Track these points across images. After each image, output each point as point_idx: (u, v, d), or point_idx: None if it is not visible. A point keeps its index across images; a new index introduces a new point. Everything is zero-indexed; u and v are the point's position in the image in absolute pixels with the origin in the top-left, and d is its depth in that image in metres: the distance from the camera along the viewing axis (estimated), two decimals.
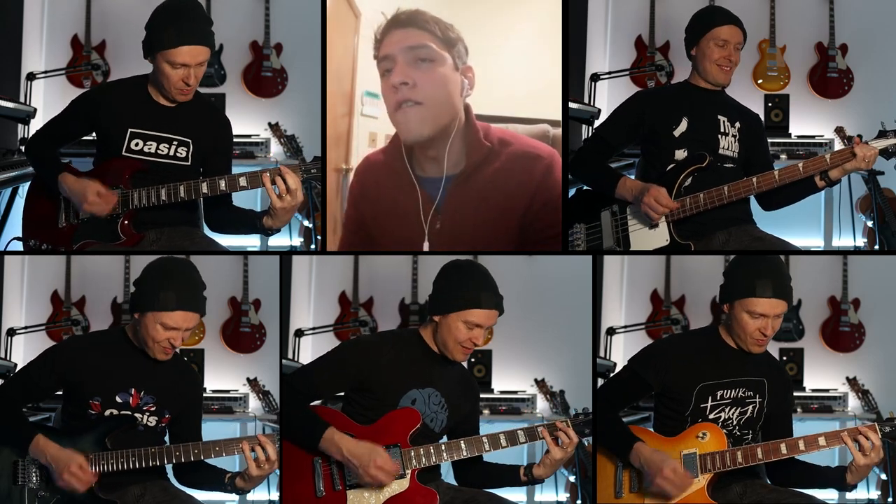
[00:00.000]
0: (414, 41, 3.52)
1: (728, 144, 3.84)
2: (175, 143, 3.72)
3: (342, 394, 3.48)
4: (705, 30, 3.82)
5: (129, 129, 3.69)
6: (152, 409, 3.41)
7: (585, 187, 4.06)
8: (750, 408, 3.48)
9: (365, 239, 3.77)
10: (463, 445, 3.41)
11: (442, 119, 3.55)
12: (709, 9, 3.98)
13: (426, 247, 3.65)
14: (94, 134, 3.81)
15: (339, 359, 3.46)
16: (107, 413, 3.37)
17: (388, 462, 3.32)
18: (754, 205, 3.91)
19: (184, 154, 3.73)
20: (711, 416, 3.46)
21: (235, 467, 3.47)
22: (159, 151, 3.71)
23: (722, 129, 3.83)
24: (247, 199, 4.88)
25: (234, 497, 5.04)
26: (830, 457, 4.66)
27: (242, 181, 3.64)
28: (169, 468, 3.48)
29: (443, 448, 3.40)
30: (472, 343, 3.39)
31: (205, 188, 3.65)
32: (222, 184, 3.64)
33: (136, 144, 3.70)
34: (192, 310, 3.33)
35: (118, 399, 3.38)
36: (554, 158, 3.65)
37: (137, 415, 3.39)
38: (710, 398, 3.46)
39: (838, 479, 3.41)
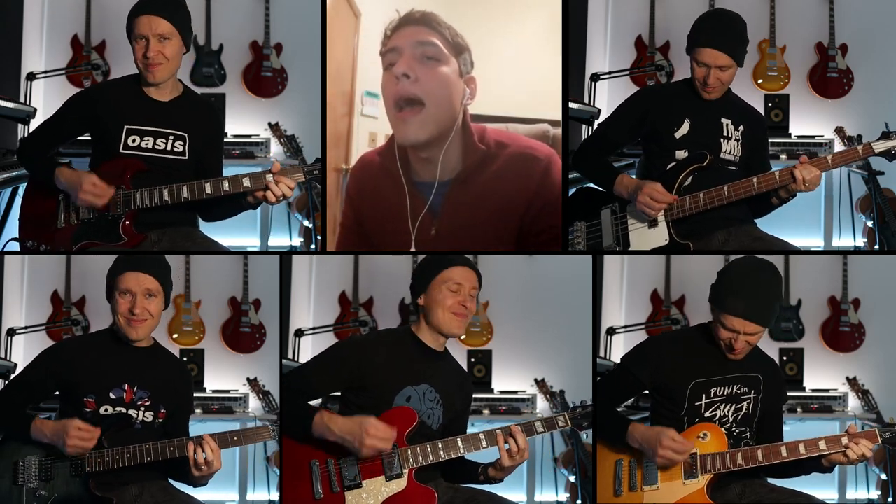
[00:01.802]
0: (423, 37, 3.53)
1: (730, 148, 3.81)
2: (171, 137, 3.72)
3: (339, 394, 3.48)
4: (691, 47, 3.78)
5: (126, 126, 3.69)
6: (147, 403, 3.42)
7: (586, 185, 4.06)
8: (745, 404, 3.49)
9: (362, 238, 3.77)
10: (460, 443, 3.40)
11: (441, 123, 3.55)
12: (701, 22, 3.82)
13: (413, 248, 3.65)
14: (89, 134, 3.79)
15: (335, 357, 3.46)
16: (102, 410, 3.38)
17: (382, 427, 3.30)
18: None
19: (181, 148, 3.73)
20: (707, 415, 3.46)
21: (235, 460, 3.47)
22: (156, 146, 3.71)
23: (724, 133, 3.81)
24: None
25: (235, 497, 5.05)
26: None
27: (246, 181, 3.63)
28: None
29: (440, 446, 3.39)
30: (461, 307, 3.39)
31: (208, 188, 3.65)
32: (226, 184, 3.64)
33: (134, 141, 3.70)
34: (142, 270, 3.39)
35: (112, 395, 3.39)
36: (552, 159, 3.64)
37: (132, 411, 3.40)
38: (703, 396, 3.47)
39: (815, 466, 3.44)
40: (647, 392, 3.58)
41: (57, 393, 3.45)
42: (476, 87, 3.61)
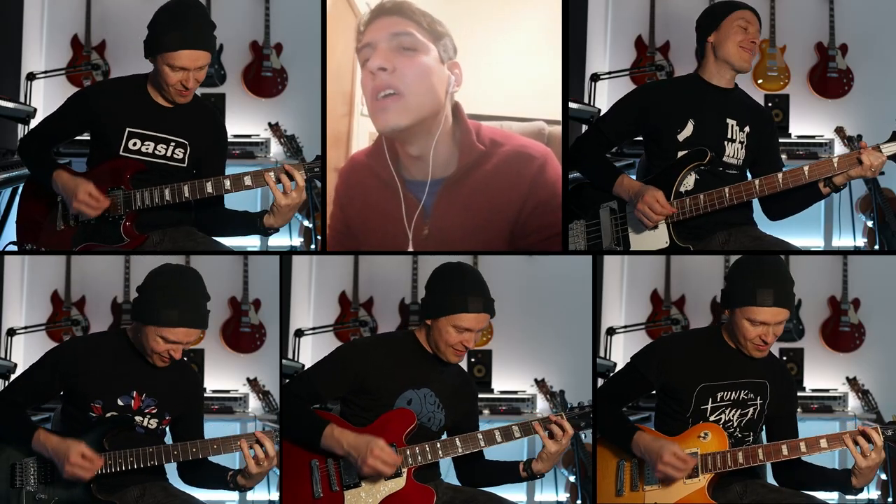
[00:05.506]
0: (398, 28, 3.47)
1: (734, 152, 3.76)
2: (172, 143, 3.70)
3: (341, 397, 3.48)
4: (727, 13, 3.68)
5: (127, 129, 3.67)
6: (153, 411, 3.41)
7: (585, 181, 4.03)
8: (751, 410, 3.48)
9: (350, 240, 3.75)
10: (458, 443, 3.40)
11: (423, 110, 3.49)
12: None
13: (411, 248, 3.63)
14: (88, 134, 3.77)
15: (338, 361, 3.46)
16: (108, 416, 3.37)
17: (387, 452, 3.31)
18: (757, 210, 3.85)
19: (180, 156, 3.71)
20: (712, 418, 3.46)
21: (236, 464, 3.47)
22: (157, 152, 3.69)
23: (729, 135, 3.75)
24: (247, 200, 4.89)
25: (235, 497, 5.04)
26: (830, 458, 4.67)
27: (247, 180, 3.61)
28: (172, 469, 3.48)
29: (438, 446, 3.39)
30: (462, 346, 3.38)
31: (209, 188, 3.63)
32: (227, 183, 3.63)
33: (134, 144, 3.68)
34: (194, 326, 3.33)
35: (120, 402, 3.38)
36: (547, 158, 3.61)
37: (138, 417, 3.39)
38: (710, 399, 3.46)
39: (844, 482, 3.39)
40: (653, 392, 3.58)
41: (61, 393, 3.44)
42: (461, 72, 3.54)
